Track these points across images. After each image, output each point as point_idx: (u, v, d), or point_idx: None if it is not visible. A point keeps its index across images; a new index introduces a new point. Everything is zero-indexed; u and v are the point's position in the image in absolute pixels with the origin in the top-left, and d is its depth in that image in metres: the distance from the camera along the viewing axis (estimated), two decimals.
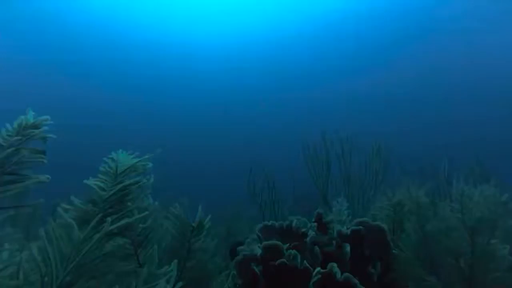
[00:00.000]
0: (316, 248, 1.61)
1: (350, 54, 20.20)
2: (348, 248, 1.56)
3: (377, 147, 4.24)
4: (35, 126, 1.37)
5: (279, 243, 1.70)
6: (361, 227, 1.67)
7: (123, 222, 1.16)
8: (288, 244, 1.79)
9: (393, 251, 1.71)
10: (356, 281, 1.41)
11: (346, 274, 1.44)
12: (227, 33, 19.71)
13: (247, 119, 25.21)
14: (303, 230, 1.85)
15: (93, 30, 19.10)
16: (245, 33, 19.59)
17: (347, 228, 1.73)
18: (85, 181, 1.39)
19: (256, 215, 5.72)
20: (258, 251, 1.74)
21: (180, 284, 1.25)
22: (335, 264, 1.45)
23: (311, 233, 1.68)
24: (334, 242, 1.64)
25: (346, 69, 21.41)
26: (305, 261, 1.56)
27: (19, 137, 1.13)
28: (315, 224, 1.84)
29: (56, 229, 0.98)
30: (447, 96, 20.69)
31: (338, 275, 1.43)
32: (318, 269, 1.51)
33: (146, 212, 1.34)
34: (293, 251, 1.62)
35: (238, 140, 25.01)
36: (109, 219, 1.14)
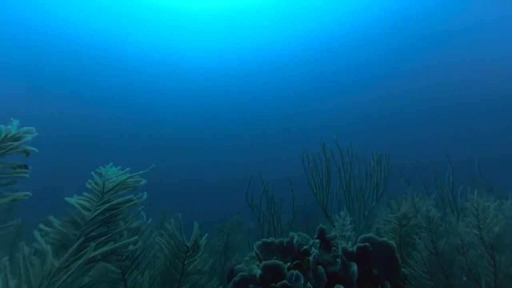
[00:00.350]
0: (320, 268, 1.49)
1: (355, 67, 20.40)
2: (355, 267, 1.44)
3: (377, 157, 4.16)
4: (16, 139, 1.26)
5: (279, 262, 1.57)
6: (367, 243, 1.55)
7: (107, 247, 1.04)
8: (289, 263, 1.67)
9: (403, 269, 1.59)
10: None
11: None
12: (228, 47, 19.86)
13: (247, 132, 25.31)
14: (305, 247, 1.73)
15: (90, 50, 19.24)
16: (252, 45, 19.75)
17: (352, 245, 1.61)
18: (66, 198, 1.26)
19: (253, 228, 5.59)
20: (257, 271, 1.61)
21: None
22: (341, 287, 1.33)
23: (314, 251, 1.56)
24: (339, 260, 1.52)
25: (351, 82, 21.61)
26: (308, 283, 1.44)
27: None
28: (318, 240, 1.73)
29: (27, 257, 0.85)
30: (452, 109, 20.84)
31: None
32: None
33: (135, 237, 1.21)
34: (295, 272, 1.50)
35: (238, 152, 25.03)
36: (92, 244, 1.02)
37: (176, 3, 16.91)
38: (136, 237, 1.24)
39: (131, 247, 1.38)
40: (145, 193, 1.76)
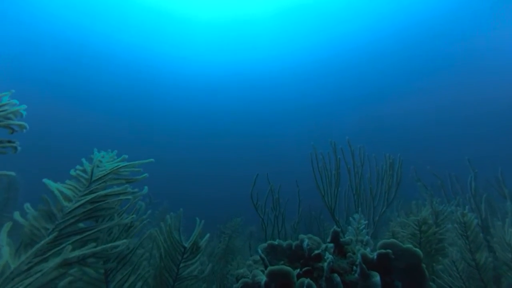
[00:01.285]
0: (336, 276, 1.30)
1: (375, 82, 20.34)
2: (377, 278, 1.24)
3: (390, 161, 3.95)
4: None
5: (288, 268, 1.38)
6: (389, 250, 1.35)
7: (87, 250, 0.85)
8: (298, 270, 1.47)
9: (430, 283, 1.39)
10: None
11: None
12: (236, 57, 19.86)
13: (257, 133, 25.27)
14: (317, 251, 1.54)
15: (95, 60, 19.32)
16: (263, 56, 19.74)
17: (372, 251, 1.41)
18: (45, 181, 1.08)
19: (255, 231, 5.38)
20: (262, 278, 1.42)
21: None
22: None
23: (329, 256, 1.37)
24: (357, 269, 1.32)
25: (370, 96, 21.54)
26: None
27: None
28: (332, 245, 1.53)
29: None
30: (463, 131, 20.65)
31: None
32: None
33: (124, 241, 1.02)
34: (307, 280, 1.30)
35: (245, 152, 24.95)
36: (69, 247, 0.83)
37: (183, 11, 16.97)
38: (125, 240, 1.04)
39: (120, 247, 1.19)
40: (146, 187, 1.57)
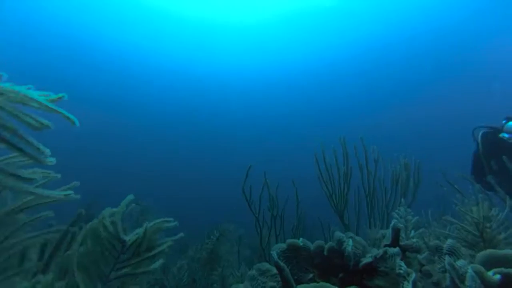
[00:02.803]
0: None
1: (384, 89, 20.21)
2: None
3: (404, 161, 3.41)
4: None
5: (330, 287, 0.78)
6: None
7: None
8: None
9: None
10: None
11: None
12: (249, 61, 19.55)
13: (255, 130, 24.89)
14: (367, 261, 0.94)
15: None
16: (272, 60, 19.45)
17: (470, 264, 0.83)
18: None
19: (244, 235, 4.75)
20: None
21: None
22: None
23: (404, 270, 0.78)
24: None
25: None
26: None
27: None
28: (397, 250, 0.93)
29: None
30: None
31: None
32: None
33: None
34: None
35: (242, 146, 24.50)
36: None
37: (201, 15, 16.58)
38: None
39: None
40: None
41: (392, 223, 1.00)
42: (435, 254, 1.02)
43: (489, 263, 0.85)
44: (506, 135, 3.21)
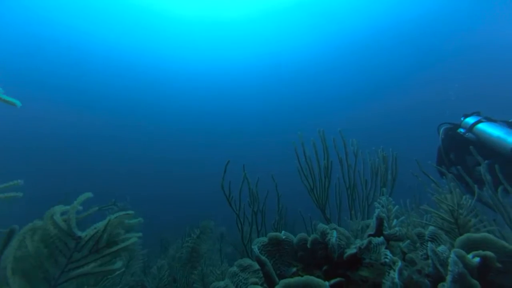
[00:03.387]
0: None
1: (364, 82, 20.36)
2: None
3: (383, 154, 3.46)
4: None
5: (321, 283, 0.75)
6: (489, 253, 0.77)
7: None
8: (327, 282, 0.84)
9: None
10: None
11: None
12: (230, 55, 19.30)
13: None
14: (351, 251, 0.92)
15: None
16: (254, 54, 19.25)
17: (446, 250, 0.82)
18: None
19: (225, 233, 4.70)
20: None
21: None
22: None
23: (391, 258, 0.75)
24: (451, 284, 0.72)
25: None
26: None
27: None
28: (381, 239, 0.91)
29: None
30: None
31: None
32: None
33: None
34: None
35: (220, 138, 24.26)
36: None
37: (178, 11, 16.35)
38: None
39: None
40: None
41: (376, 212, 0.98)
42: (416, 241, 1.01)
43: (468, 247, 0.85)
44: (462, 130, 3.47)
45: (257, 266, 1.09)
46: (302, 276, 0.86)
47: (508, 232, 1.61)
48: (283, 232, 1.03)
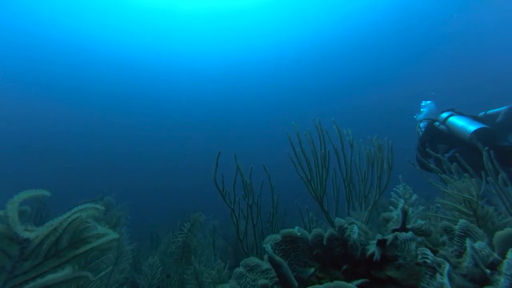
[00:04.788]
0: None
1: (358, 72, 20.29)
2: None
3: (378, 143, 3.39)
4: None
5: (345, 286, 0.64)
6: None
7: None
8: (354, 285, 0.73)
9: None
10: None
11: None
12: (224, 48, 18.97)
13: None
14: (372, 249, 0.82)
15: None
16: (248, 47, 18.96)
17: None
18: None
19: (218, 226, 4.60)
20: None
21: None
22: None
23: (437, 261, 0.65)
24: None
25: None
26: None
27: None
28: (409, 234, 0.81)
29: None
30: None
31: None
32: None
33: None
34: None
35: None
36: None
37: (171, 4, 15.75)
38: None
39: None
40: None
41: (400, 204, 0.88)
42: (442, 235, 0.93)
43: (510, 242, 0.76)
44: (437, 123, 3.96)
45: (265, 266, 0.98)
46: (320, 277, 0.76)
47: None
48: (297, 228, 0.93)
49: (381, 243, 0.83)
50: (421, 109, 4.88)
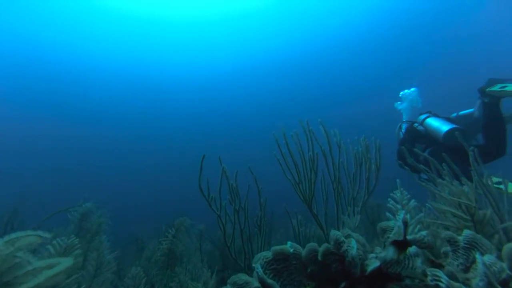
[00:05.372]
0: None
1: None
2: None
3: (366, 143, 3.36)
4: None
5: None
6: None
7: None
8: None
9: None
10: None
11: None
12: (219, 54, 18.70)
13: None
14: (372, 266, 0.75)
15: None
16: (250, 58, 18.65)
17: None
18: None
19: (204, 231, 4.50)
20: None
21: None
22: None
23: (452, 285, 0.58)
24: None
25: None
26: None
27: None
28: (419, 250, 0.74)
29: None
30: None
31: None
32: None
33: None
34: None
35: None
36: None
37: (157, 14, 15.48)
38: None
39: None
40: None
41: (400, 215, 0.81)
42: (443, 242, 0.86)
43: None
44: (416, 124, 4.18)
45: (255, 284, 0.89)
46: None
47: None
48: (289, 243, 0.84)
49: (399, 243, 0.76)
50: (401, 100, 5.13)
